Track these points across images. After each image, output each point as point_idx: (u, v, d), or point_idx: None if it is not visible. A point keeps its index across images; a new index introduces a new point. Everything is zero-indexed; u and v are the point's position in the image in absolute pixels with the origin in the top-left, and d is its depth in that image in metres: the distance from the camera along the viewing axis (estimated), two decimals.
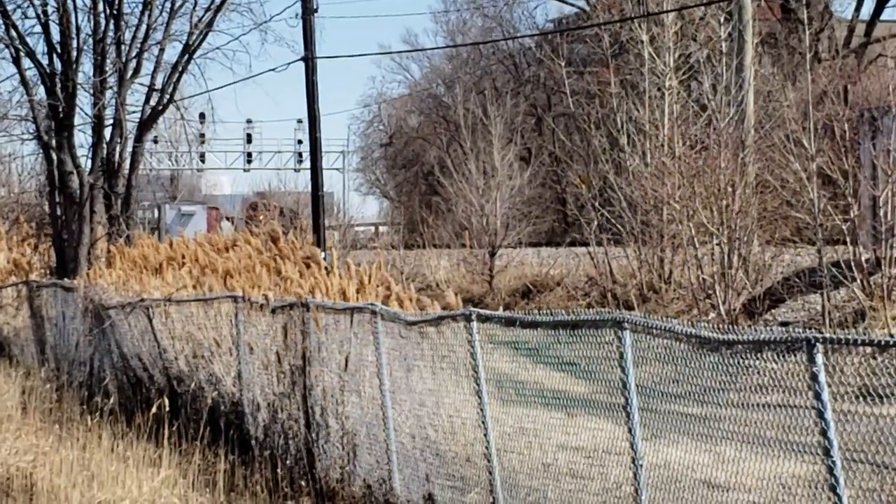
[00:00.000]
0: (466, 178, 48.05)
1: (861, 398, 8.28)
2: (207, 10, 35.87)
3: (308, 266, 22.52)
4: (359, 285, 18.84)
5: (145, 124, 35.97)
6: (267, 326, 16.94)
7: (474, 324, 12.19)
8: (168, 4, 35.69)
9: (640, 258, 35.89)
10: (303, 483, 15.35)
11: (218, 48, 38.96)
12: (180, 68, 35.59)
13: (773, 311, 29.30)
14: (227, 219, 69.08)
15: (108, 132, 35.22)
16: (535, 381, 11.77)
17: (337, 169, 74.12)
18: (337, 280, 19.57)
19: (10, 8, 35.38)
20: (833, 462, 8.08)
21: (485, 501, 12.23)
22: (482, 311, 12.43)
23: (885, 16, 55.98)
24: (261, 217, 26.92)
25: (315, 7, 30.65)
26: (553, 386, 11.45)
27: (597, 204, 38.75)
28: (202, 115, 57.72)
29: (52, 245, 37.81)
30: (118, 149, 35.15)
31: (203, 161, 73.05)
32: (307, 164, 36.94)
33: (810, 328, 9.33)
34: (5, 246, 37.73)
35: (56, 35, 35.16)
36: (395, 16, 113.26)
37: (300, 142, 72.00)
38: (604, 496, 10.65)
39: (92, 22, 35.21)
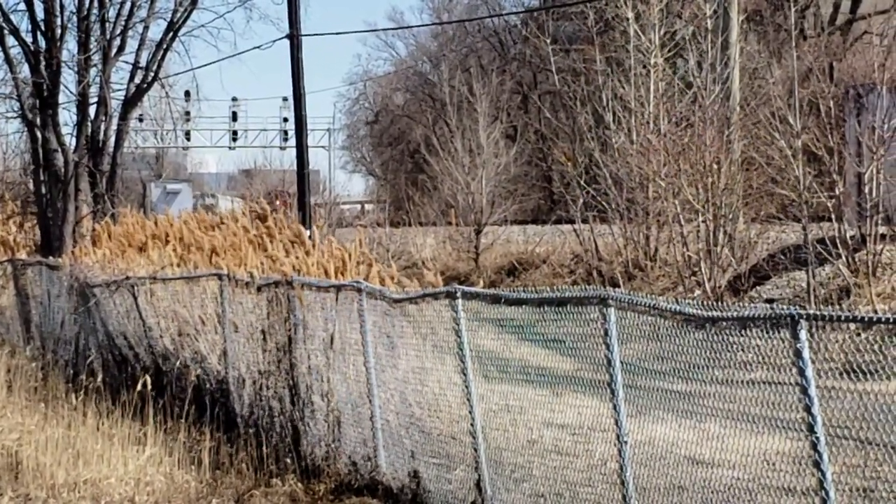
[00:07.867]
0: (452, 155, 48.01)
1: (845, 374, 8.29)
2: None
3: (294, 244, 22.54)
4: (340, 264, 18.83)
5: (130, 102, 35.84)
6: (252, 304, 16.91)
7: (459, 301, 12.17)
8: None
9: (626, 235, 35.91)
10: (288, 460, 15.34)
11: (203, 26, 38.97)
12: (165, 46, 35.46)
13: (758, 287, 29.33)
14: None
15: (92, 110, 35.11)
16: (521, 359, 11.77)
17: (323, 147, 73.97)
18: (319, 258, 19.57)
19: None
20: (817, 438, 8.10)
21: (470, 478, 12.24)
22: (467, 289, 12.42)
23: None
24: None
25: None
26: (538, 363, 11.46)
27: (582, 181, 38.75)
28: (187, 93, 57.62)
29: (37, 223, 37.70)
30: (103, 127, 35.04)
31: (188, 139, 72.79)
32: (293, 141, 36.87)
33: (795, 305, 9.33)
34: None
35: (40, 12, 35.04)
36: None
37: (286, 119, 71.72)
38: (589, 473, 10.66)
39: None
